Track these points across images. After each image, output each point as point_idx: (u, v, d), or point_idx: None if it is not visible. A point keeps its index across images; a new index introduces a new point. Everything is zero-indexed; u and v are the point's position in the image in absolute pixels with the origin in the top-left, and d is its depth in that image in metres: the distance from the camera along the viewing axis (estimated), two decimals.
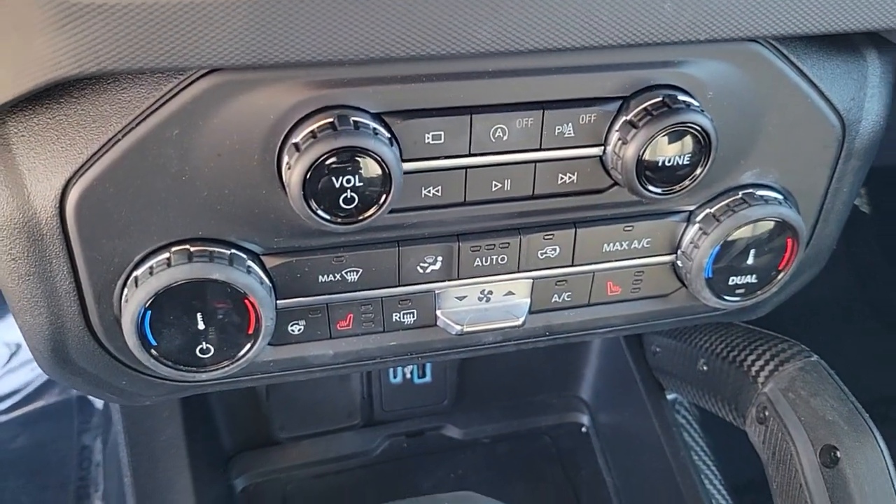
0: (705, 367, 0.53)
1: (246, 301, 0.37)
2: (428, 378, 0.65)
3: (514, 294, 0.43)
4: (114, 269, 0.37)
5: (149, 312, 0.36)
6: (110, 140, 0.34)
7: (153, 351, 0.37)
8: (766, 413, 0.46)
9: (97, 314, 0.37)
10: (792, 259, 0.44)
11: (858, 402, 0.44)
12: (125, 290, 0.37)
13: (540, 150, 0.38)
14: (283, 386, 0.63)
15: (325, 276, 0.40)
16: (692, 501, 0.58)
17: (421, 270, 0.41)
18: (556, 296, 0.44)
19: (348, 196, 0.34)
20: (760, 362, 0.48)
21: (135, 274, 0.36)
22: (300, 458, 0.61)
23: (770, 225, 0.42)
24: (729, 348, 0.51)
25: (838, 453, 0.41)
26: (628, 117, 0.37)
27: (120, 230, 0.36)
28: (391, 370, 0.66)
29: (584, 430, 0.70)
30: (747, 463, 0.51)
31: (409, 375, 0.65)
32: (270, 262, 0.38)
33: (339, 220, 0.35)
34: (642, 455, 0.61)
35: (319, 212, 0.34)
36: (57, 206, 0.34)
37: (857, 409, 0.44)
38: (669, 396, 0.63)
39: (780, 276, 0.45)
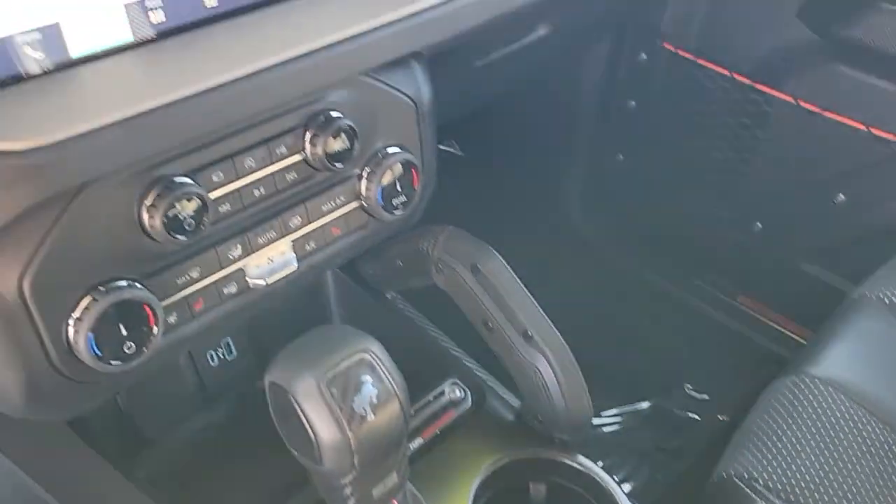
0: (401, 263, 0.87)
1: (145, 307, 0.61)
2: (235, 354, 0.91)
3: (285, 254, 0.72)
4: (60, 319, 0.58)
5: (91, 336, 0.59)
6: (41, 242, 0.55)
7: (100, 360, 0.59)
8: (440, 265, 0.81)
9: (55, 351, 0.58)
10: (419, 181, 0.78)
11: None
12: (70, 330, 0.58)
13: (271, 164, 0.68)
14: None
15: (181, 279, 0.65)
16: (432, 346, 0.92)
17: (232, 257, 0.68)
18: (307, 246, 0.73)
19: (187, 223, 0.60)
20: (427, 242, 0.82)
21: (74, 315, 0.58)
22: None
23: (401, 166, 0.76)
24: (408, 244, 0.85)
25: (478, 266, 0.78)
26: (311, 132, 0.68)
27: (61, 293, 0.57)
28: (206, 356, 0.90)
29: None
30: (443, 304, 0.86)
31: (221, 356, 0.90)
32: (148, 281, 0.62)
33: (183, 237, 0.61)
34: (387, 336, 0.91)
35: (178, 237, 0.60)
36: (17, 291, 0.55)
37: (482, 242, 0.81)
38: (388, 295, 0.96)
39: (415, 194, 0.79)
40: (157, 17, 0.58)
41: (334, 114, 0.68)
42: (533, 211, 1.41)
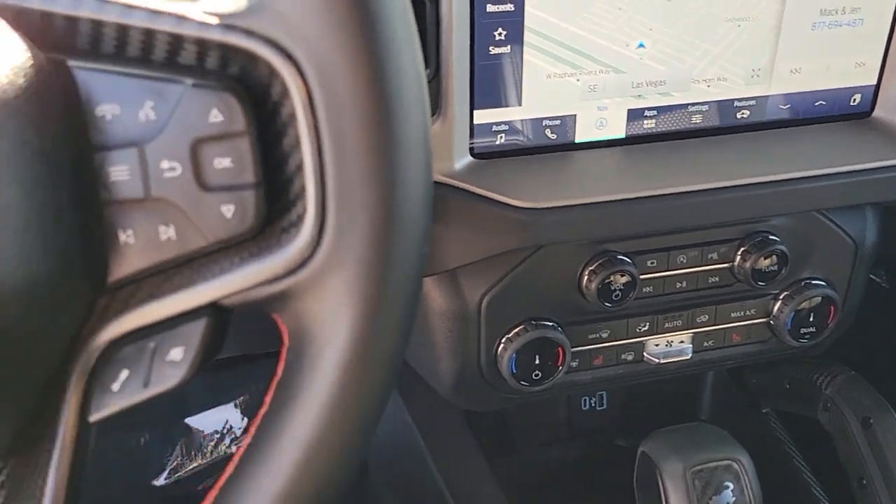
0: (788, 385, 0.88)
1: (559, 348, 0.73)
2: (605, 407, 1.01)
3: (683, 342, 0.79)
4: (496, 336, 0.73)
5: (513, 356, 0.73)
6: (505, 275, 0.71)
7: (514, 377, 0.73)
8: (829, 405, 0.81)
9: (484, 358, 0.74)
10: (834, 318, 0.79)
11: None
12: (500, 347, 0.73)
13: (700, 266, 0.75)
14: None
15: (592, 335, 0.76)
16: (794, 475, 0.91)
17: (638, 330, 0.77)
18: (705, 343, 0.79)
19: (616, 293, 0.71)
20: (822, 376, 0.83)
21: (507, 336, 0.73)
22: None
23: (820, 299, 0.78)
24: (802, 371, 0.86)
25: (871, 420, 0.76)
26: (745, 247, 0.74)
27: (504, 317, 0.72)
28: (581, 400, 1.02)
29: None
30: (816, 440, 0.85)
31: (592, 404, 1.01)
32: (566, 328, 0.74)
33: (609, 303, 0.71)
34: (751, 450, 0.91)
35: (605, 303, 0.71)
36: (477, 304, 0.71)
37: (880, 395, 0.78)
38: (765, 410, 0.98)
39: (827, 329, 0.79)
40: (650, 123, 0.70)
41: (772, 237, 0.73)
42: None
